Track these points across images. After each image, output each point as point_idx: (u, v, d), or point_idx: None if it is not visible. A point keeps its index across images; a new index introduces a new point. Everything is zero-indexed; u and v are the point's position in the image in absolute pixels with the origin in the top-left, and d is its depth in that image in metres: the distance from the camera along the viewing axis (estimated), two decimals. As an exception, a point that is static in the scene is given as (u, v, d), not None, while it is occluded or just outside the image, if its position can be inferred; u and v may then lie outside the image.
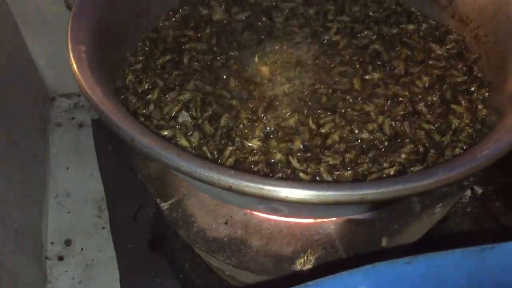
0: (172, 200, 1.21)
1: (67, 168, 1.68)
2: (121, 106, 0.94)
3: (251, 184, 0.80)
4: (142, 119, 1.12)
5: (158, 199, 1.22)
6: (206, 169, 0.81)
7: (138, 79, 1.22)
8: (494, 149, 0.84)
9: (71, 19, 1.09)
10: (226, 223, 1.18)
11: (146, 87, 1.20)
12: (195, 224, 1.18)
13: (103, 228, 1.55)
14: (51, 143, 1.74)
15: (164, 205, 1.21)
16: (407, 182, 0.79)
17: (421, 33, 1.33)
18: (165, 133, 1.09)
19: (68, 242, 1.51)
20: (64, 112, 1.83)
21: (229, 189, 0.80)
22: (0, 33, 1.53)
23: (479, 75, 1.22)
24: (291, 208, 1.00)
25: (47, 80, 1.87)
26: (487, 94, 1.16)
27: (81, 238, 1.53)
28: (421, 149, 1.06)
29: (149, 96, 1.17)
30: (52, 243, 1.52)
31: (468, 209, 1.62)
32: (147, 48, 1.29)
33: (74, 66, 0.98)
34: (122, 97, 1.17)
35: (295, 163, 1.02)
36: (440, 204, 1.12)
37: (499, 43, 1.18)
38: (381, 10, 1.42)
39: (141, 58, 1.27)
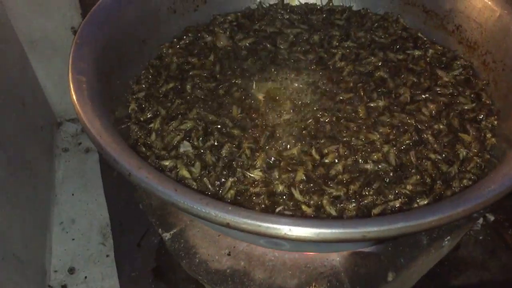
0: (174, 231, 1.19)
1: (73, 194, 1.68)
2: (120, 139, 0.93)
3: (249, 221, 0.77)
4: (143, 149, 1.11)
5: (160, 229, 1.20)
6: (203, 205, 0.79)
7: (140, 108, 1.21)
8: (501, 185, 0.81)
9: (72, 49, 1.09)
10: (229, 254, 1.15)
11: (149, 116, 1.19)
12: (197, 255, 1.15)
13: (107, 256, 1.53)
14: (57, 168, 1.74)
15: (166, 235, 1.19)
16: (409, 219, 0.76)
17: (427, 59, 1.31)
18: (166, 163, 1.08)
19: (71, 270, 1.50)
20: (70, 137, 1.84)
21: (227, 226, 0.78)
22: (6, 58, 1.54)
23: (488, 102, 1.19)
24: (292, 244, 0.97)
25: (54, 105, 1.88)
26: (496, 123, 1.13)
27: (84, 266, 1.52)
28: (428, 180, 1.03)
29: (151, 125, 1.16)
30: (56, 271, 1.50)
31: (480, 237, 1.57)
32: (150, 76, 1.29)
33: (74, 97, 0.98)
34: (124, 126, 1.16)
35: (297, 195, 1.00)
36: (449, 237, 1.08)
37: (508, 70, 1.15)
38: (387, 35, 1.40)
39: (144, 86, 1.26)
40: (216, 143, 1.11)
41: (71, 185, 1.70)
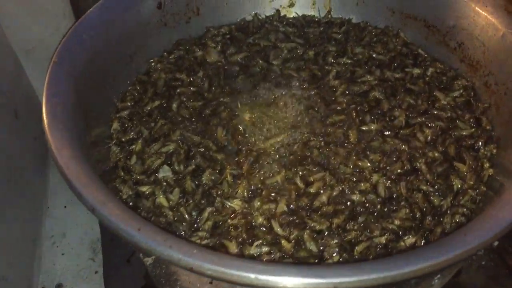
0: (156, 256, 1.15)
1: (65, 207, 1.64)
2: (90, 170, 0.89)
3: (214, 267, 0.73)
4: (122, 174, 1.07)
5: (141, 254, 1.16)
6: (166, 247, 0.75)
7: (123, 128, 1.17)
8: (488, 232, 0.75)
9: (50, 69, 1.05)
10: (210, 283, 1.10)
11: (131, 137, 1.14)
12: (178, 282, 1.11)
13: (96, 272, 1.50)
14: (51, 180, 1.71)
15: (148, 260, 1.15)
16: (385, 269, 0.71)
17: (427, 78, 1.24)
18: (144, 189, 1.03)
19: (59, 286, 1.47)
20: (67, 146, 1.80)
21: (191, 270, 0.74)
22: (0, 67, 1.51)
23: (488, 127, 1.12)
24: None
25: (51, 114, 1.85)
26: (495, 151, 1.06)
27: (73, 282, 1.48)
28: (418, 214, 0.97)
29: (133, 147, 1.12)
30: (43, 287, 1.48)
31: (483, 262, 1.50)
32: (136, 93, 1.25)
33: (45, 122, 0.94)
34: (105, 147, 1.13)
35: (277, 228, 0.95)
36: (439, 276, 1.02)
37: (510, 94, 1.08)
38: (385, 51, 1.33)
39: (129, 103, 1.22)
40: (197, 168, 1.07)
41: (64, 198, 1.67)
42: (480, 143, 1.08)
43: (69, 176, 0.84)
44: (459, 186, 1.01)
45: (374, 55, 1.31)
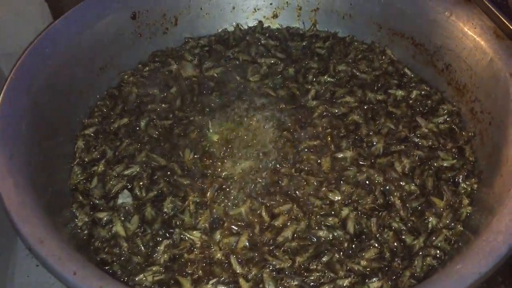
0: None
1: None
2: (34, 200, 0.83)
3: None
4: (80, 198, 1.01)
5: None
6: (101, 296, 0.69)
7: (87, 146, 1.11)
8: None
9: (6, 86, 1.00)
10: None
11: (94, 157, 1.09)
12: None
13: None
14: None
15: None
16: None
17: (410, 101, 1.17)
18: (101, 216, 0.98)
19: (29, 301, 1.42)
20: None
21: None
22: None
23: (471, 158, 1.05)
24: None
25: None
26: (475, 186, 0.99)
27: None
28: (387, 255, 0.90)
29: (95, 168, 1.06)
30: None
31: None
32: (105, 109, 1.19)
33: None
34: (70, 166, 1.07)
35: (235, 265, 0.89)
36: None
37: (495, 125, 1.01)
38: (370, 70, 1.26)
39: (96, 120, 1.17)
40: (159, 194, 1.01)
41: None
42: (461, 176, 1.01)
43: (9, 207, 0.79)
44: (434, 224, 0.94)
45: (357, 74, 1.24)
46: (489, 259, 0.72)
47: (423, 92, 1.19)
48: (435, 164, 1.04)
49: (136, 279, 0.88)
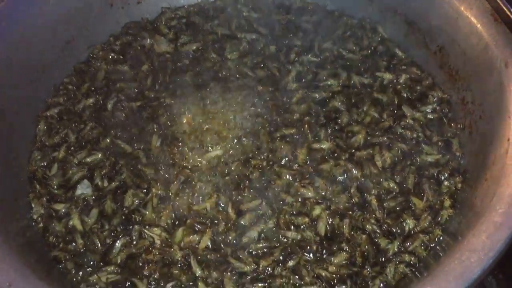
0: None
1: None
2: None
3: None
4: (38, 186, 0.95)
5: None
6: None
7: (49, 129, 1.04)
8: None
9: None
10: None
11: (55, 141, 1.02)
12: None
13: None
14: None
15: None
16: None
17: (398, 87, 1.08)
18: (59, 207, 0.92)
19: None
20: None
21: None
22: None
23: (458, 153, 0.97)
24: None
25: None
26: (459, 186, 0.92)
27: None
28: (358, 260, 0.84)
29: (55, 153, 1.00)
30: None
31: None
32: (71, 87, 1.11)
33: None
34: (30, 151, 1.01)
35: (195, 268, 0.84)
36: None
37: (485, 119, 0.92)
38: (358, 49, 1.16)
39: (61, 99, 1.09)
40: (121, 185, 0.95)
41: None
42: (445, 174, 0.93)
43: None
44: (411, 226, 0.88)
45: (343, 53, 1.15)
46: (459, 282, 0.65)
47: (413, 76, 1.10)
48: (418, 159, 0.96)
49: (90, 279, 0.83)
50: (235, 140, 1.01)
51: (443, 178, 0.94)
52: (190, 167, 0.97)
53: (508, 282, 1.07)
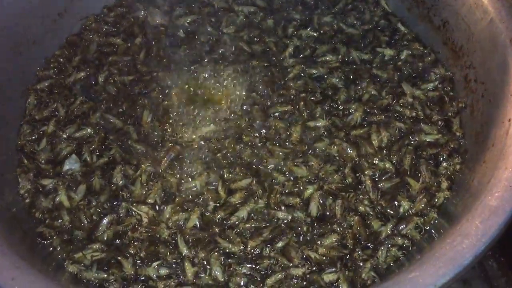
0: None
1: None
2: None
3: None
4: (25, 161, 0.93)
5: None
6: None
7: (39, 103, 1.02)
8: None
9: None
10: None
11: (45, 115, 1.00)
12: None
13: None
14: None
15: None
16: None
17: (399, 63, 1.04)
18: (46, 183, 0.91)
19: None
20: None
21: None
22: None
23: (458, 133, 0.93)
24: None
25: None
26: (458, 167, 0.89)
27: None
28: (349, 242, 0.82)
29: (44, 128, 0.98)
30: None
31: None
32: (62, 59, 1.08)
33: None
34: (19, 124, 0.99)
35: (182, 247, 0.82)
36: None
37: (487, 98, 0.88)
38: (359, 24, 1.12)
39: (52, 71, 1.06)
40: (110, 161, 0.93)
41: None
42: (444, 154, 0.90)
43: None
44: (406, 209, 0.85)
45: (344, 28, 1.11)
46: (449, 268, 0.63)
47: (415, 52, 1.05)
48: (417, 138, 0.93)
49: (75, 256, 0.82)
50: (228, 117, 0.98)
51: (441, 159, 0.90)
52: (181, 143, 0.95)
53: (509, 266, 1.05)
